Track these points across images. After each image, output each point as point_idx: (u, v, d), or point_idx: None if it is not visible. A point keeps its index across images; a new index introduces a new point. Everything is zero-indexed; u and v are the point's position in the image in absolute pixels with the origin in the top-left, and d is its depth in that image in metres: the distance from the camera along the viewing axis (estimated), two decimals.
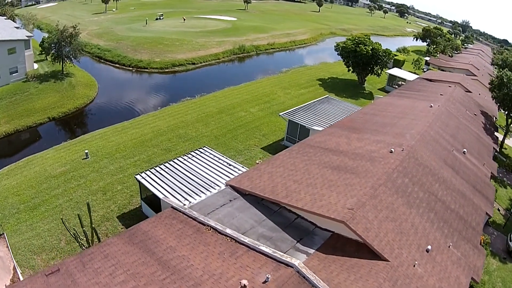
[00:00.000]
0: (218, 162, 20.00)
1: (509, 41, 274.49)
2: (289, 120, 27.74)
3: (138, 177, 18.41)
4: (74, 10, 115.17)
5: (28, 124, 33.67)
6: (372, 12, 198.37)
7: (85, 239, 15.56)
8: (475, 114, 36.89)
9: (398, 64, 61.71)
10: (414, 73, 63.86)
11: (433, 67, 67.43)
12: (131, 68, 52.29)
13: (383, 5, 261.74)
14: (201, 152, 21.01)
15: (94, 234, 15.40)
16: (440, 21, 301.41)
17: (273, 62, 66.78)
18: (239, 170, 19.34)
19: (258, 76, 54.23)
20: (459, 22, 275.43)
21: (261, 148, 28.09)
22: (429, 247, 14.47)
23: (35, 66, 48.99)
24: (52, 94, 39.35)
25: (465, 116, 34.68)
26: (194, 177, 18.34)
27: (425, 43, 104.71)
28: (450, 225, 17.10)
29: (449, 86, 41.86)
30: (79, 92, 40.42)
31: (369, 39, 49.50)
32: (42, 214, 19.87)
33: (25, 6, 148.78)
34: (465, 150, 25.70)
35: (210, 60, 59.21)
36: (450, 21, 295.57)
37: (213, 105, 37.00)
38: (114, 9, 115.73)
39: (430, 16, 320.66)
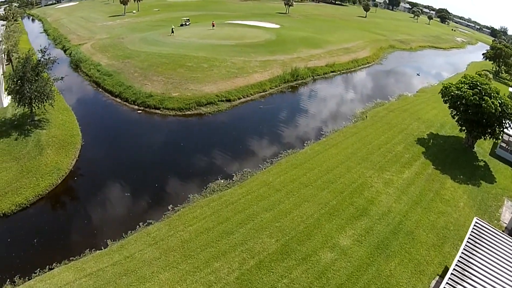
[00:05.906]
0: None
1: None
2: None
3: None
4: (91, 11, 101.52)
5: None
6: (417, 18, 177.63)
7: None
8: None
9: None
10: None
11: None
12: (136, 107, 35.34)
13: (422, 9, 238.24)
14: None
15: None
16: (478, 27, 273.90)
17: (339, 96, 46.47)
18: None
19: (326, 125, 35.62)
20: (497, 29, 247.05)
21: None
22: None
23: (6, 102, 33.34)
24: (9, 164, 23.90)
25: None
26: None
27: (483, 58, 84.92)
28: None
29: None
30: (48, 161, 24.65)
31: (489, 81, 32.24)
32: None
33: (45, 6, 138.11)
34: None
35: (253, 94, 40.71)
36: (486, 27, 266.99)
37: (267, 223, 19.38)
38: (134, 11, 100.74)
39: (468, 22, 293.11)
